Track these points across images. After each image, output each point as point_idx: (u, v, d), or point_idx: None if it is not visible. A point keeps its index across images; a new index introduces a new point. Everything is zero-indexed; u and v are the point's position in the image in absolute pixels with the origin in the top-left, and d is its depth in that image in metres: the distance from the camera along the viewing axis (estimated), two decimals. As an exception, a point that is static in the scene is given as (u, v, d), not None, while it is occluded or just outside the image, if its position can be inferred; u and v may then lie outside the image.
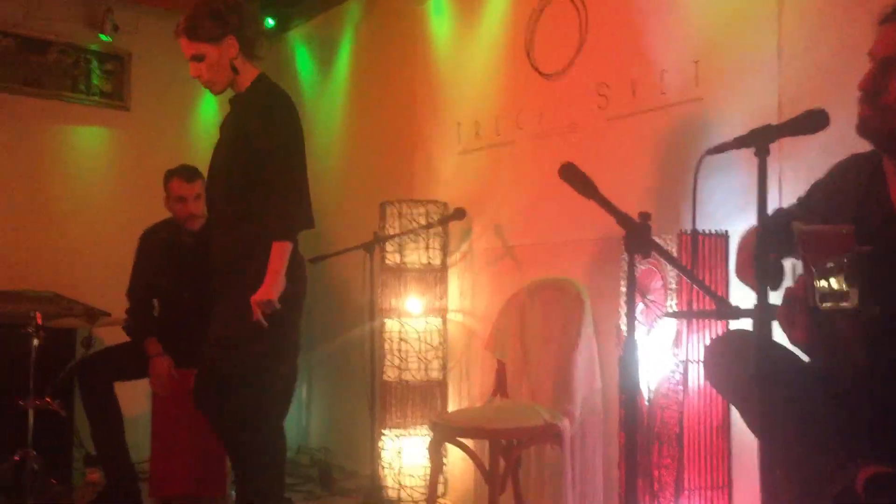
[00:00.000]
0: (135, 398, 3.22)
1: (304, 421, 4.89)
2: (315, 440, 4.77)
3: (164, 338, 3.62)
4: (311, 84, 5.06)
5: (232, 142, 2.79)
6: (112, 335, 4.02)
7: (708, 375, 2.00)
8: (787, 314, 1.68)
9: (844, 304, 1.53)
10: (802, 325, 1.65)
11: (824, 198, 1.92)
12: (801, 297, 1.65)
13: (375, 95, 4.50)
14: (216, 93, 2.86)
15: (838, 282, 1.54)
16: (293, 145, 2.74)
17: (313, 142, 4.94)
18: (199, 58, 2.73)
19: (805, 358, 1.84)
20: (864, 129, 1.79)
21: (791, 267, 2.06)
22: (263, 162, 2.66)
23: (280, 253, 2.62)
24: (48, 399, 3.28)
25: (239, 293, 2.66)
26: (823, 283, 1.57)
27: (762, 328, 1.43)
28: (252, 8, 2.85)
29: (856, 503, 1.57)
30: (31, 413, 3.24)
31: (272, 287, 2.61)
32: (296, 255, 2.75)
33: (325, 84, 4.91)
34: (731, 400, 2.04)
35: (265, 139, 2.67)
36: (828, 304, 1.56)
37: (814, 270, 1.59)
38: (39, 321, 3.24)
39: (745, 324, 1.82)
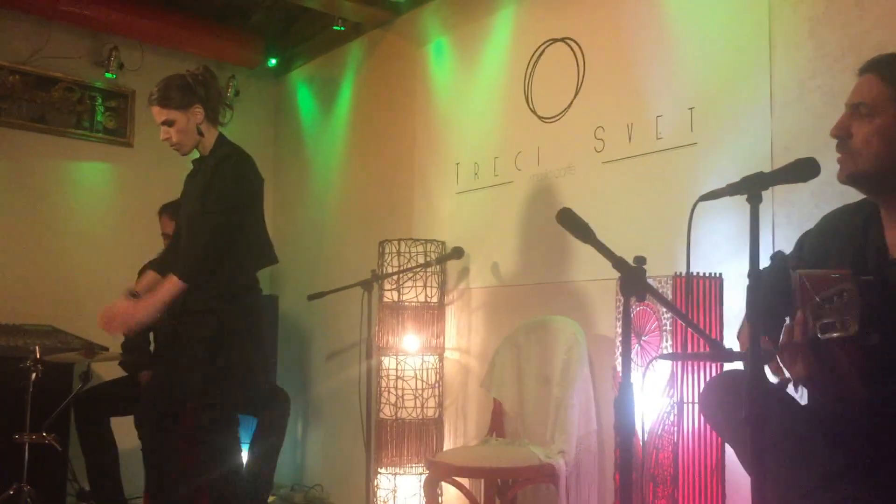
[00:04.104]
0: (130, 433, 3.23)
1: (298, 458, 4.88)
2: (309, 478, 4.75)
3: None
4: (312, 123, 5.12)
5: (200, 196, 3.01)
6: (110, 370, 4.03)
7: (704, 415, 2.01)
8: (787, 348, 1.69)
9: (844, 333, 1.54)
10: (803, 358, 1.66)
11: (817, 247, 1.94)
12: (801, 331, 1.67)
13: (375, 135, 4.57)
14: (183, 154, 3.11)
15: (838, 311, 1.55)
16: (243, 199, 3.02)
17: (313, 180, 5.02)
18: (169, 123, 3.00)
19: (801, 400, 1.85)
20: (841, 175, 1.83)
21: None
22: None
23: (173, 287, 2.85)
24: (44, 433, 3.29)
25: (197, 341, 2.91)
26: (823, 313, 1.59)
27: (754, 369, 1.45)
28: (217, 81, 3.16)
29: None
30: (26, 447, 3.25)
31: (146, 311, 2.86)
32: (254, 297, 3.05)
33: (326, 123, 4.97)
34: (727, 439, 2.05)
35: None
36: (828, 335, 1.57)
37: (816, 299, 1.61)
38: (39, 355, 3.26)
39: (740, 366, 1.84)
